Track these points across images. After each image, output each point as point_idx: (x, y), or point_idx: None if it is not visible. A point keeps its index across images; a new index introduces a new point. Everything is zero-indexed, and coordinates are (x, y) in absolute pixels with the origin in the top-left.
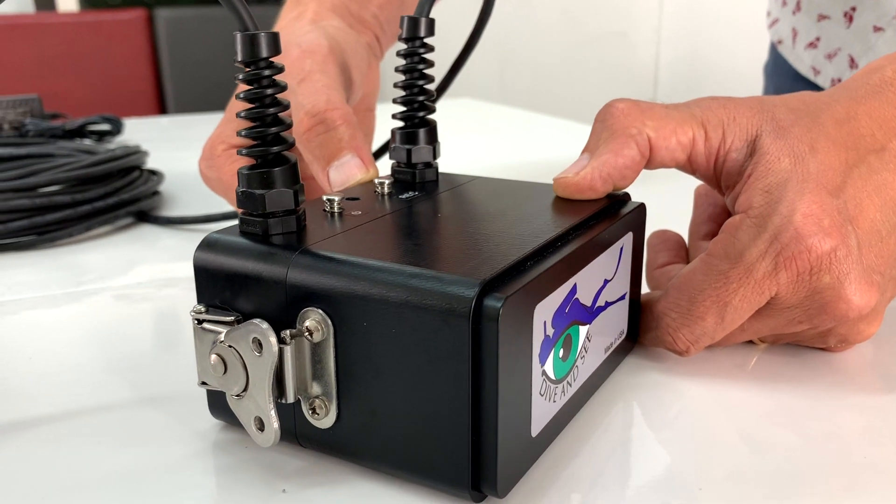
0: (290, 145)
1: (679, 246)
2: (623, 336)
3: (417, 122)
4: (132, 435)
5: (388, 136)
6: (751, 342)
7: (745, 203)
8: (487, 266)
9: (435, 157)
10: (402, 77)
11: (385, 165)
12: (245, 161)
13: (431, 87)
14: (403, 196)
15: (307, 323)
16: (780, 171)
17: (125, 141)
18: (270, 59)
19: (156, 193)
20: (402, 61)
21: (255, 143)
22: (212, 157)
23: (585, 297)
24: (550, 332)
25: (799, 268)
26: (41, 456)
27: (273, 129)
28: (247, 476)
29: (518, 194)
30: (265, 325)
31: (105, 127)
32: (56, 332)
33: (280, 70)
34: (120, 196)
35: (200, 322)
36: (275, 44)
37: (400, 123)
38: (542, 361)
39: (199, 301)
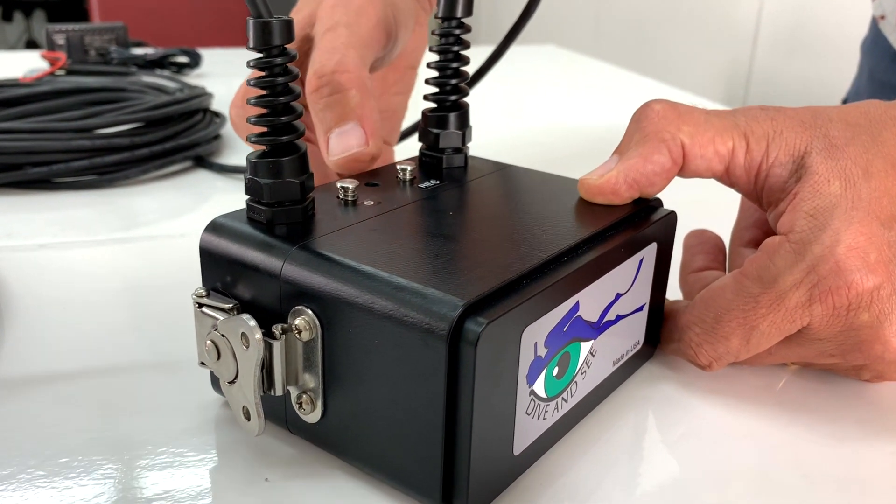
0: (301, 134)
1: (718, 249)
2: (639, 346)
3: (449, 106)
4: (138, 403)
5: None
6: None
7: (786, 225)
8: (477, 284)
9: (464, 143)
10: (435, 57)
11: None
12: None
13: (467, 69)
14: (424, 185)
15: (297, 321)
16: (828, 194)
17: (203, 73)
18: (284, 47)
19: (217, 137)
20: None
21: (265, 130)
22: (243, 105)
23: (590, 314)
24: (543, 352)
25: (835, 303)
26: (44, 418)
27: (283, 119)
28: (235, 459)
29: (543, 191)
30: (252, 323)
31: (184, 59)
32: (95, 282)
33: (293, 57)
34: (178, 140)
35: (200, 306)
36: (288, 31)
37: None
38: (531, 381)
39: (204, 283)
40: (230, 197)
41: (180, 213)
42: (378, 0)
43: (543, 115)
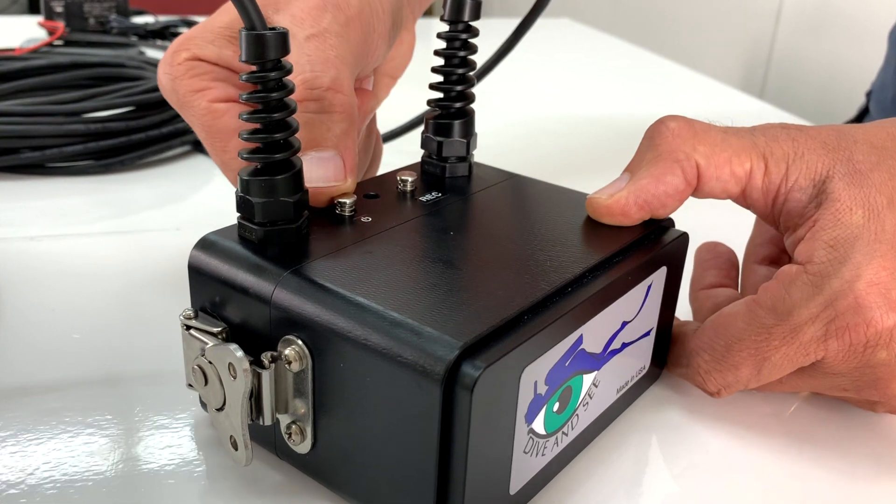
0: (296, 151)
1: (731, 265)
2: (644, 370)
3: (453, 113)
4: (124, 419)
5: (399, 111)
6: None
7: (804, 254)
8: (476, 322)
9: (469, 152)
10: (440, 61)
11: (407, 149)
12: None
13: (472, 75)
14: (425, 198)
15: (287, 351)
16: (850, 224)
17: None
18: (279, 60)
19: None
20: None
21: (258, 146)
22: (171, 65)
23: (594, 345)
24: (543, 389)
25: (852, 340)
26: (24, 433)
27: (277, 135)
28: (223, 486)
29: (550, 208)
30: (240, 354)
31: (185, 30)
32: (84, 281)
33: (288, 71)
34: (176, 124)
35: (188, 328)
36: (283, 44)
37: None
38: (530, 420)
39: (192, 303)
40: (228, 184)
41: (177, 202)
42: (365, 14)
43: (556, 100)
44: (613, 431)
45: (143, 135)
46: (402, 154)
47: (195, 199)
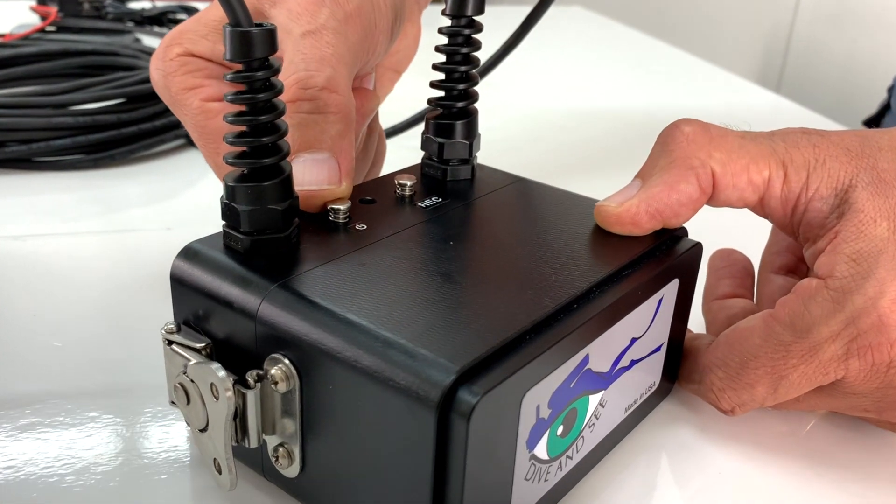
0: (285, 155)
1: (746, 273)
2: (654, 386)
3: (456, 113)
4: (107, 438)
5: (403, 102)
6: None
7: (825, 268)
8: (474, 343)
9: (472, 154)
10: (441, 58)
11: (410, 144)
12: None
13: (476, 72)
14: (424, 204)
15: (273, 371)
16: (874, 237)
17: None
18: (267, 59)
19: None
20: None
21: (244, 150)
22: (163, 60)
23: (602, 364)
24: (546, 413)
25: (875, 360)
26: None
27: (265, 139)
28: None
29: (556, 215)
30: (222, 374)
31: (183, 17)
32: (69, 286)
33: (276, 70)
34: (169, 117)
35: (170, 343)
36: (271, 41)
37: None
38: (532, 446)
39: (175, 315)
40: None
41: (168, 199)
42: (365, 9)
43: (565, 92)
44: (621, 451)
45: (135, 128)
46: (406, 150)
47: (188, 197)
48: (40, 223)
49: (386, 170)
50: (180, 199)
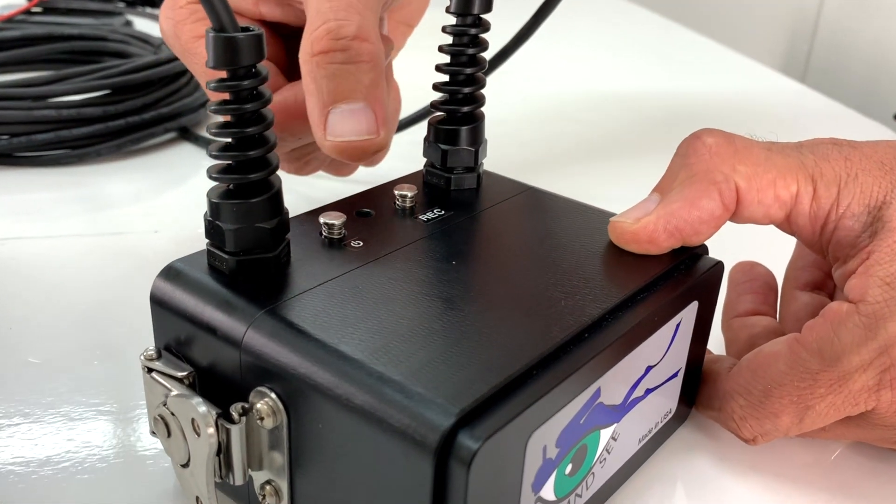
0: (274, 170)
1: (769, 289)
2: (671, 414)
3: (461, 118)
4: (89, 464)
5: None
6: None
7: (857, 291)
8: (476, 381)
9: (477, 161)
10: (446, 59)
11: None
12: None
13: (482, 74)
14: (426, 217)
15: (259, 405)
16: None
17: None
18: (254, 66)
19: (204, 105)
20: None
21: (229, 164)
22: (173, 9)
23: (614, 397)
24: (554, 453)
25: None
26: None
27: (252, 153)
28: None
29: (568, 231)
30: (203, 409)
31: None
32: (48, 295)
33: (264, 79)
34: (160, 109)
35: (150, 370)
36: (258, 47)
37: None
38: (538, 489)
39: (155, 340)
40: None
41: (157, 198)
42: None
43: (583, 83)
44: (634, 482)
45: (123, 121)
46: (410, 146)
47: (178, 195)
48: (19, 224)
49: (386, 171)
50: (170, 197)
